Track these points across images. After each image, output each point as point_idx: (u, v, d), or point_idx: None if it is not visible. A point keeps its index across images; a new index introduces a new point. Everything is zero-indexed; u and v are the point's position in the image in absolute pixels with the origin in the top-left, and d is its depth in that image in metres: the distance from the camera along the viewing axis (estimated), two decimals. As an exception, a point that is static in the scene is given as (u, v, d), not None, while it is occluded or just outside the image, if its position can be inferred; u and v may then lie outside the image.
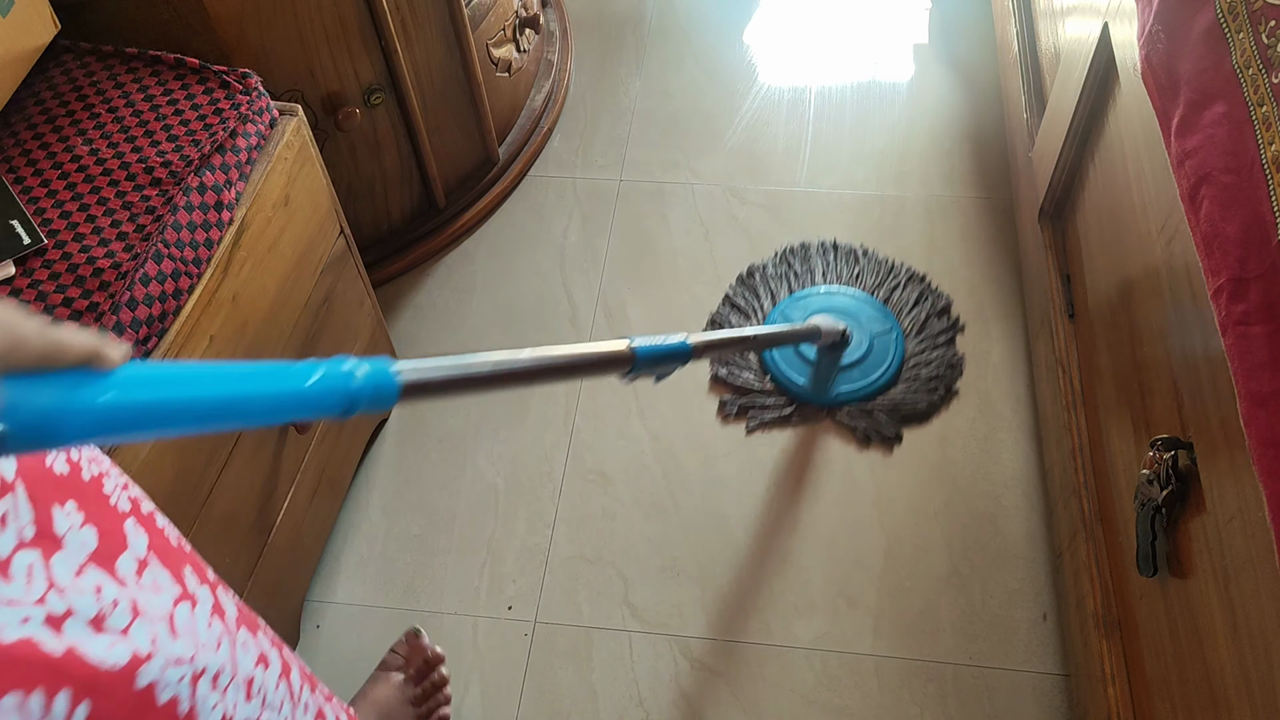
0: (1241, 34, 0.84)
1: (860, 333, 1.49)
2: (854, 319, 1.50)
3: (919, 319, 1.52)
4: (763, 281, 1.58)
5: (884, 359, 1.47)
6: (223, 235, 1.01)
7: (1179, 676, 0.91)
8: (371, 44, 1.38)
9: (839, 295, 1.55)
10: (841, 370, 1.46)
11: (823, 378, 1.46)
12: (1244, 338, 0.74)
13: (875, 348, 1.48)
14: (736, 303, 1.57)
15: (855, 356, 1.47)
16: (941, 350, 1.49)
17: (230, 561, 1.10)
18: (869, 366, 1.47)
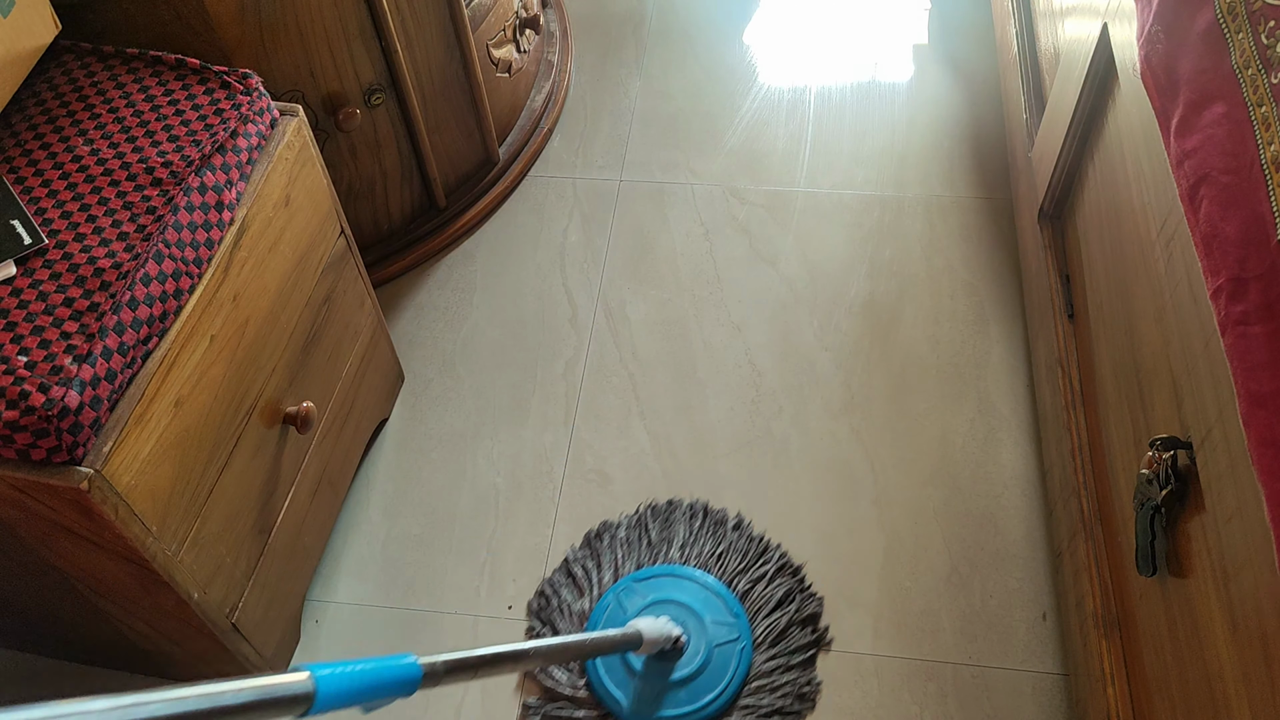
0: (1241, 34, 0.84)
1: (699, 638, 1.23)
2: (696, 619, 1.24)
3: (778, 626, 1.25)
4: (610, 547, 1.34)
5: (721, 677, 1.21)
6: (223, 235, 1.01)
7: (1178, 676, 0.91)
8: (372, 44, 1.38)
9: (688, 582, 1.28)
10: (670, 687, 1.20)
11: (647, 695, 1.20)
12: (1243, 338, 0.74)
13: (714, 661, 1.22)
14: (573, 571, 1.32)
15: (688, 670, 1.21)
16: (794, 674, 1.23)
17: (231, 561, 1.10)
18: (701, 686, 1.20)
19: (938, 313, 1.56)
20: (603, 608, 1.28)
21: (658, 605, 1.26)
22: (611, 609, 1.27)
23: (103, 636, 1.19)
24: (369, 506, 1.42)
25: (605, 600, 1.28)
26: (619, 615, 1.26)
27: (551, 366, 1.54)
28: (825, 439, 1.44)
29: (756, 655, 1.24)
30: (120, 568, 0.99)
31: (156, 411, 0.93)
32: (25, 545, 1.00)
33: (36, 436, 0.84)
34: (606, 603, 1.28)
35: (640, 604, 1.27)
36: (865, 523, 1.36)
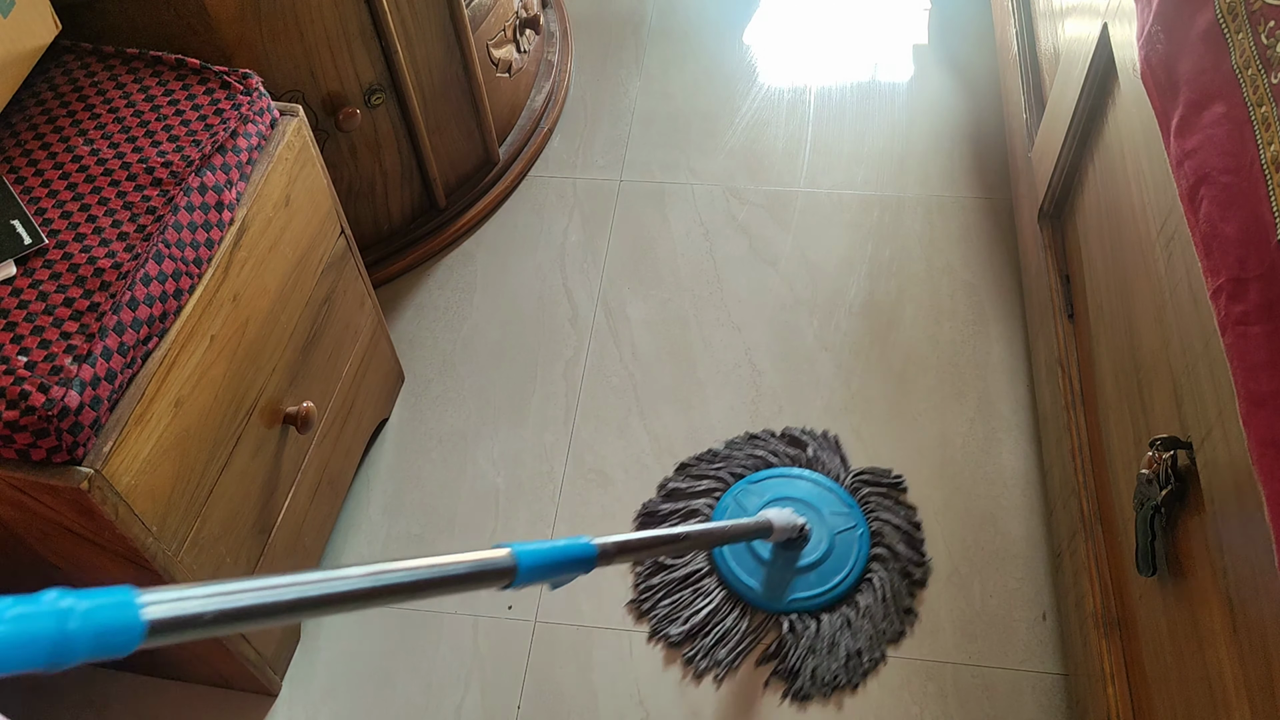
0: (1241, 34, 0.84)
1: (821, 528, 1.32)
2: (815, 511, 1.34)
3: (887, 519, 1.34)
4: (712, 463, 1.41)
5: (846, 561, 1.30)
6: (223, 235, 1.01)
7: (1178, 676, 0.91)
8: (372, 44, 1.38)
9: (800, 481, 1.37)
10: (799, 572, 1.29)
11: (777, 581, 1.28)
12: (1243, 338, 0.74)
13: (837, 547, 1.31)
14: (678, 487, 1.39)
15: (815, 556, 1.30)
16: (908, 554, 1.32)
17: (231, 561, 1.10)
18: (828, 570, 1.29)
19: (938, 313, 1.56)
20: (722, 509, 1.36)
21: (775, 502, 1.35)
22: (731, 509, 1.36)
23: (103, 636, 1.18)
24: (369, 506, 1.42)
25: (724, 501, 1.37)
26: (739, 514, 1.35)
27: (551, 366, 1.54)
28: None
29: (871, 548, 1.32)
30: (120, 568, 0.99)
31: (156, 411, 0.93)
32: (25, 545, 1.00)
33: (36, 436, 0.84)
34: (725, 503, 1.36)
35: (759, 503, 1.35)
36: (865, 523, 1.36)
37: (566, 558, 0.81)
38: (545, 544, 0.79)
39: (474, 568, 0.72)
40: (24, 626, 0.43)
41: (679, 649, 1.27)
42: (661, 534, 1.00)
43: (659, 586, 1.30)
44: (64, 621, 0.45)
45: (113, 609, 0.47)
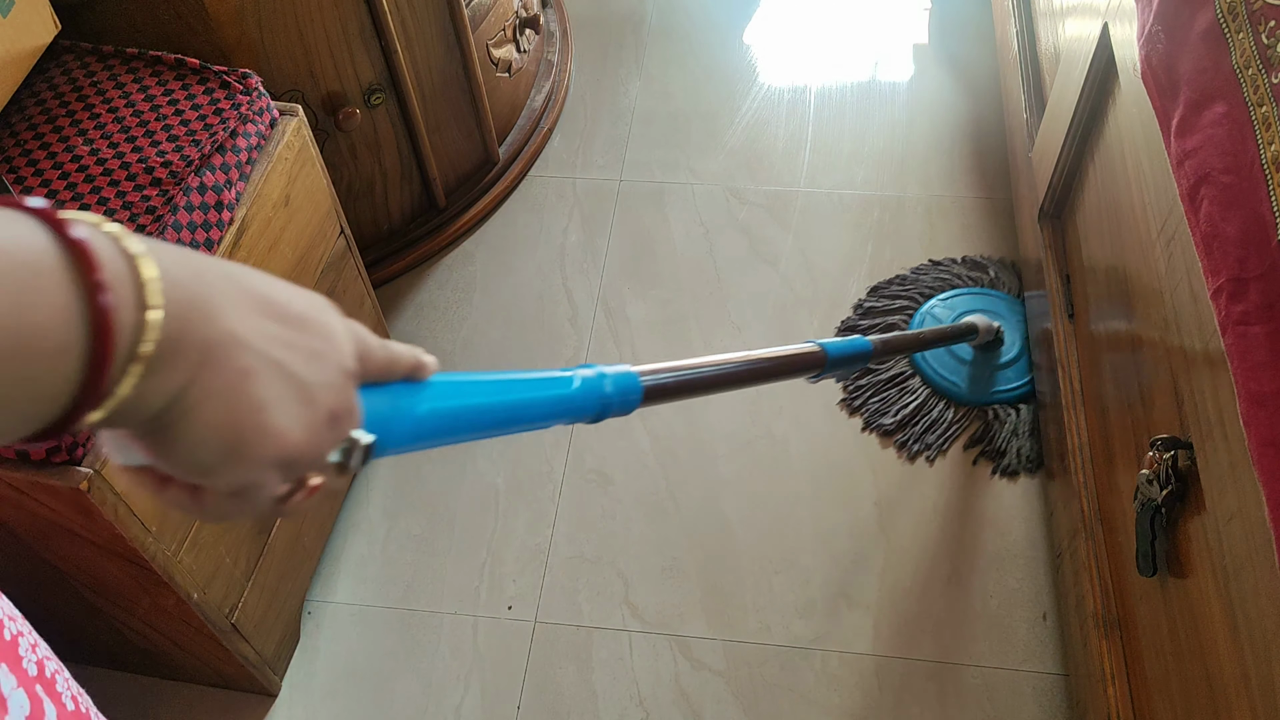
0: (1241, 34, 0.84)
1: (1013, 332, 1.48)
2: (1005, 319, 1.48)
3: None
4: (905, 282, 1.57)
5: None
6: (223, 235, 1.01)
7: (1179, 676, 0.91)
8: (371, 44, 1.38)
9: (985, 296, 1.53)
10: (999, 368, 1.45)
11: (981, 378, 1.45)
12: (1243, 338, 0.74)
13: (1029, 349, 1.46)
14: (873, 305, 1.55)
15: (1012, 354, 1.46)
16: None
17: (230, 561, 1.10)
18: (1025, 366, 1.45)
19: (938, 313, 1.56)
20: (917, 323, 1.51)
21: (968, 314, 1.48)
22: (927, 323, 1.51)
23: (102, 636, 1.19)
24: (369, 506, 1.42)
25: (918, 316, 1.52)
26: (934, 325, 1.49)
27: (552, 366, 1.54)
28: (825, 439, 1.44)
29: None
30: (119, 568, 0.98)
31: (156, 411, 0.93)
32: (25, 545, 1.00)
33: (36, 437, 0.84)
34: (919, 318, 1.52)
35: (951, 315, 1.50)
36: (865, 523, 1.36)
37: (856, 352, 0.99)
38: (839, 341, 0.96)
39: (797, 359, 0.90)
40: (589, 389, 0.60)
41: (891, 437, 1.42)
42: (909, 334, 1.24)
43: (867, 386, 1.46)
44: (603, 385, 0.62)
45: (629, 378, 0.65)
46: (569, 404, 0.60)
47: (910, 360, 1.47)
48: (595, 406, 0.61)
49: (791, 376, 0.92)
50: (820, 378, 0.95)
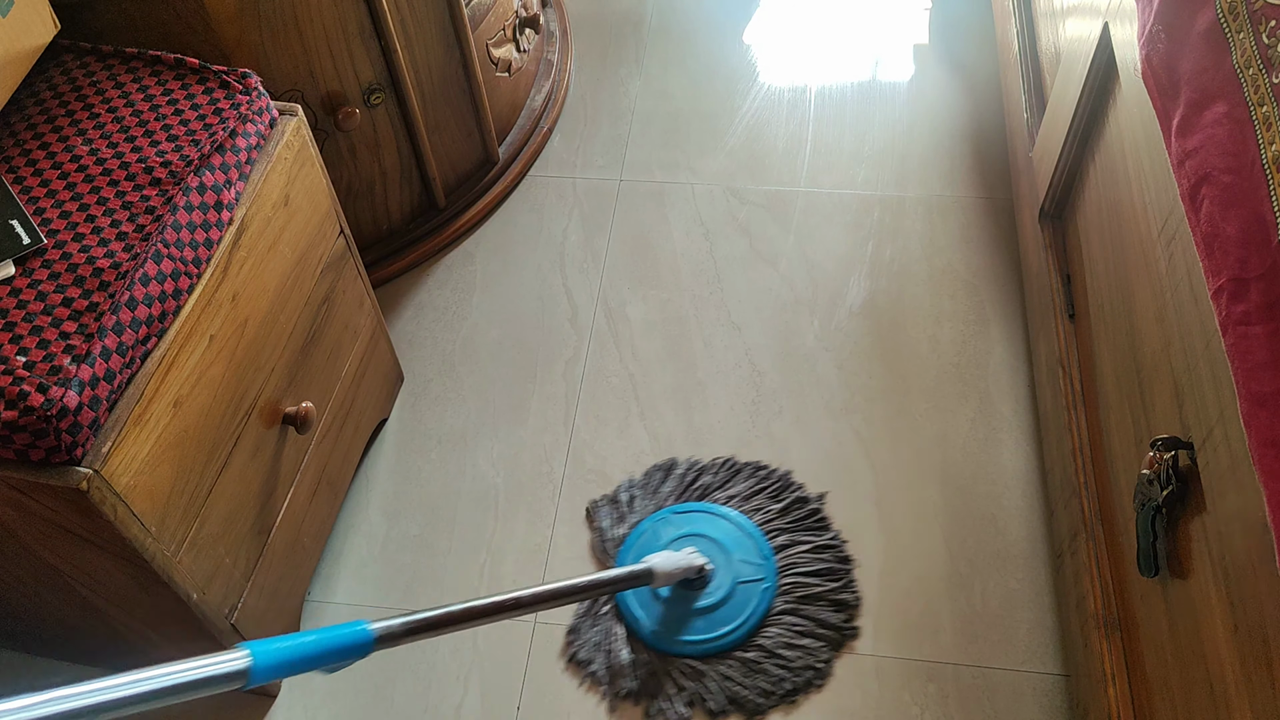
0: (1242, 34, 0.84)
1: (725, 573, 1.27)
2: (725, 554, 1.29)
3: (809, 588, 1.28)
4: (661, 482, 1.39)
5: (741, 612, 1.25)
6: (222, 235, 1.01)
7: (1179, 676, 0.91)
8: (371, 44, 1.38)
9: (723, 521, 1.33)
10: (691, 615, 1.25)
11: (668, 619, 1.25)
12: (1244, 338, 0.74)
13: (736, 595, 1.26)
14: (619, 498, 1.38)
15: (710, 601, 1.25)
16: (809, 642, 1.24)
17: (230, 562, 1.10)
18: (719, 618, 1.24)
19: (938, 313, 1.56)
20: (638, 534, 1.34)
21: (689, 538, 1.31)
22: (646, 536, 1.33)
23: (101, 637, 1.18)
24: (369, 507, 1.42)
25: (642, 527, 1.34)
26: (652, 543, 1.32)
27: (551, 366, 1.54)
28: (825, 439, 1.44)
29: (778, 600, 1.27)
30: (119, 568, 0.98)
31: (155, 412, 0.93)
32: (24, 545, 1.00)
33: (35, 437, 0.84)
34: (643, 529, 1.34)
35: (673, 534, 1.32)
36: (865, 523, 1.36)
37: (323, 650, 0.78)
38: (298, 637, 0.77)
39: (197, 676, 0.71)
40: None
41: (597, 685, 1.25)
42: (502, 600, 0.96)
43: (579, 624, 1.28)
44: None
45: None
46: None
47: None
48: None
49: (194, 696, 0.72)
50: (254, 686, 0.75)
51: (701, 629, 1.24)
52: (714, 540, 1.31)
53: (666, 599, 1.27)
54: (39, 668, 1.29)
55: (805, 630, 1.25)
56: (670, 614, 1.25)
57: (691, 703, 1.21)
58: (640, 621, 1.26)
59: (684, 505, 1.35)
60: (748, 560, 1.29)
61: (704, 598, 1.26)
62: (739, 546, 1.30)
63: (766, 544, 1.31)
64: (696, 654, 1.23)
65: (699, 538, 1.31)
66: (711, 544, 1.30)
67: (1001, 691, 1.22)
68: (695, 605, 1.26)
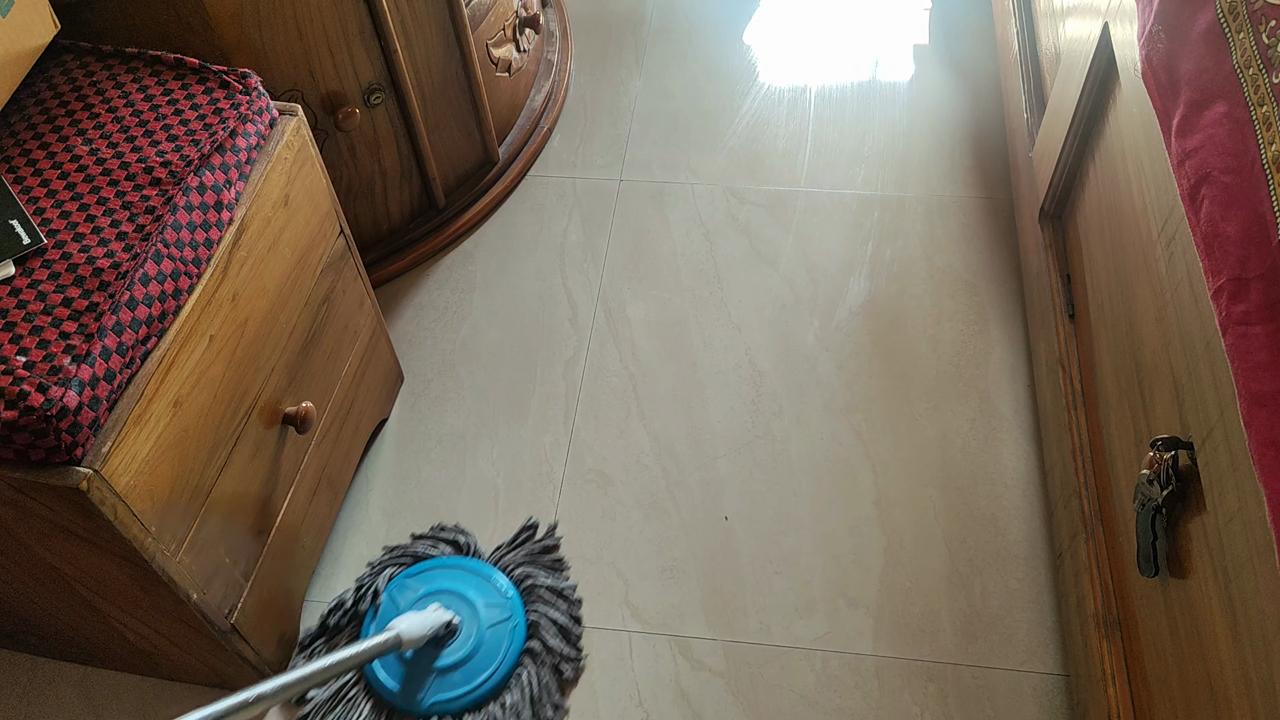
0: (1242, 34, 0.84)
1: (471, 623, 1.23)
2: (468, 604, 1.25)
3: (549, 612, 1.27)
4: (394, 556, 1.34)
5: (495, 656, 1.22)
6: (222, 235, 1.01)
7: (1179, 676, 0.91)
8: (371, 44, 1.38)
9: (458, 570, 1.29)
10: (442, 671, 1.21)
11: (419, 681, 1.20)
12: (1244, 338, 0.74)
13: (487, 641, 1.23)
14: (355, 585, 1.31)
15: (461, 654, 1.21)
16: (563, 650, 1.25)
17: (230, 562, 1.10)
18: (475, 667, 1.21)
19: (938, 313, 1.56)
20: (373, 608, 1.27)
21: (429, 596, 1.26)
22: (384, 606, 1.27)
23: (101, 637, 1.18)
24: (369, 506, 1.42)
25: (385, 595, 1.28)
26: (391, 611, 1.26)
27: (551, 366, 1.54)
28: (825, 439, 1.44)
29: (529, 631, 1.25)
30: (119, 568, 0.98)
31: (155, 412, 0.93)
32: (24, 545, 1.00)
33: (35, 437, 0.84)
34: (379, 602, 1.27)
35: (413, 597, 1.27)
36: (865, 523, 1.36)
37: None
38: None
39: None
40: None
41: None
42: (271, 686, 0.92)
43: (312, 711, 1.21)
44: None
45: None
46: None
47: None
48: None
49: None
50: None
51: (459, 682, 1.20)
52: (454, 592, 1.27)
53: (412, 659, 1.21)
54: (39, 668, 1.29)
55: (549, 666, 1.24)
56: (419, 674, 1.20)
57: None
58: (391, 689, 1.20)
59: (417, 566, 1.30)
60: (491, 603, 1.26)
61: (452, 653, 1.22)
62: (480, 591, 1.27)
63: (504, 578, 1.28)
64: (455, 710, 1.19)
65: (440, 594, 1.26)
66: (453, 596, 1.26)
67: (1001, 691, 1.22)
68: (444, 662, 1.21)
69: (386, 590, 1.28)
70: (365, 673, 1.22)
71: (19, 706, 1.27)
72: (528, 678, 1.21)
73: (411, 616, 1.17)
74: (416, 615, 1.18)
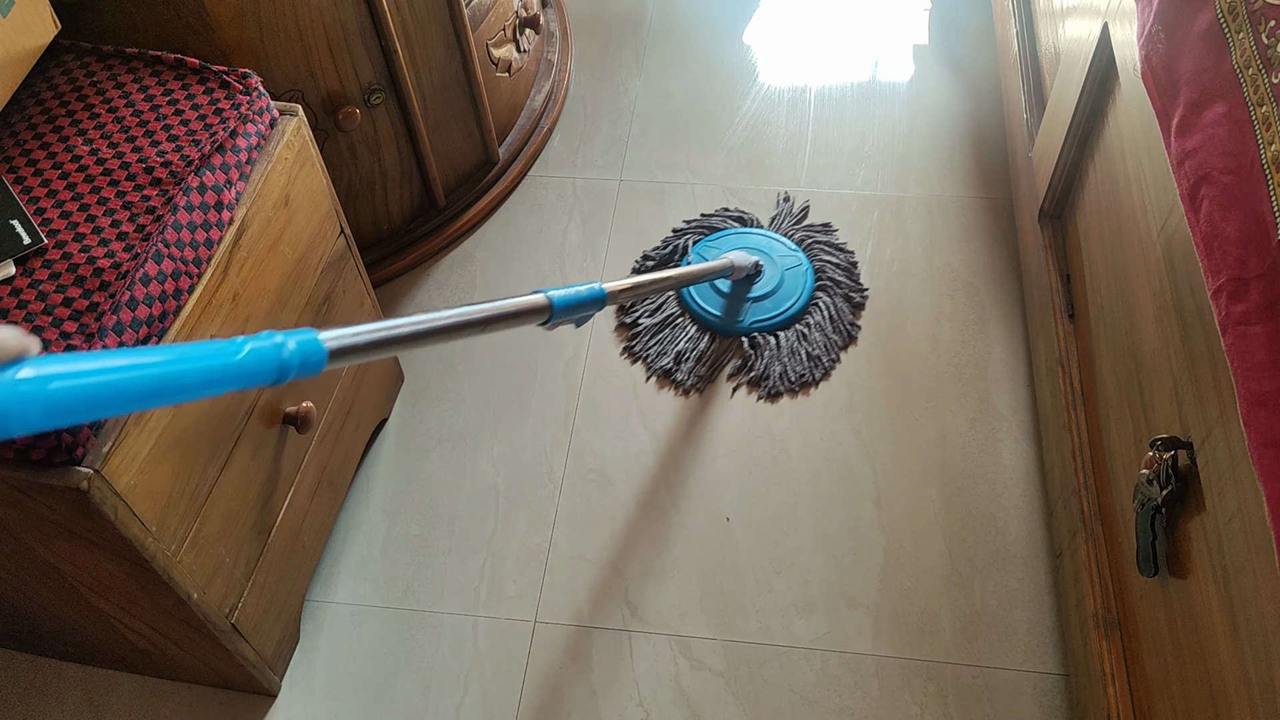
0: (1241, 34, 0.84)
1: (771, 266, 1.58)
2: (766, 254, 1.59)
3: (830, 260, 1.60)
4: (678, 234, 1.66)
5: (795, 290, 1.56)
6: (223, 235, 1.01)
7: (1179, 676, 0.91)
8: (371, 44, 1.38)
9: (752, 235, 1.63)
10: (753, 301, 1.54)
11: (736, 308, 1.54)
12: (1244, 338, 0.74)
13: (786, 280, 1.56)
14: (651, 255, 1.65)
15: (769, 287, 1.55)
16: (846, 285, 1.57)
17: (230, 562, 1.10)
18: (780, 297, 1.55)
19: (938, 312, 1.56)
20: (686, 264, 1.60)
21: (733, 251, 1.56)
22: (696, 263, 1.58)
23: (102, 636, 1.19)
24: (369, 506, 1.42)
25: (687, 260, 1.61)
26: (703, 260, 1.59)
27: (551, 366, 1.54)
28: (825, 439, 1.44)
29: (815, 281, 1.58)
30: (119, 568, 0.98)
31: (156, 411, 0.93)
32: (24, 545, 1.00)
33: (36, 436, 0.84)
34: (689, 261, 1.61)
35: (716, 254, 1.59)
36: (865, 523, 1.36)
37: (586, 299, 1.03)
38: (569, 289, 1.01)
39: (522, 308, 0.94)
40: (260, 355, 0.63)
41: (670, 376, 1.50)
42: (649, 278, 1.22)
43: (643, 332, 1.54)
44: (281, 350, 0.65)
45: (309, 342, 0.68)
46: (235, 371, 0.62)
47: (679, 299, 1.57)
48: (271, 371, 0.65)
49: (514, 325, 0.94)
50: (552, 324, 1.00)
51: (769, 309, 1.54)
52: (753, 247, 1.60)
53: (729, 293, 1.55)
54: (40, 667, 1.29)
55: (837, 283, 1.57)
56: (736, 304, 1.55)
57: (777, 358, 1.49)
58: (714, 313, 1.54)
59: (713, 236, 1.64)
60: (784, 254, 1.60)
61: (761, 287, 1.56)
62: (773, 247, 1.61)
63: (791, 242, 1.62)
64: (769, 327, 1.52)
65: (741, 249, 1.59)
66: (752, 250, 1.59)
67: (1001, 691, 1.22)
68: (755, 293, 1.55)
69: (694, 249, 1.61)
70: (687, 304, 1.56)
71: (19, 706, 1.27)
72: (824, 304, 1.55)
73: (734, 252, 1.51)
74: (736, 252, 1.52)
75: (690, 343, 1.52)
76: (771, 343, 1.50)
